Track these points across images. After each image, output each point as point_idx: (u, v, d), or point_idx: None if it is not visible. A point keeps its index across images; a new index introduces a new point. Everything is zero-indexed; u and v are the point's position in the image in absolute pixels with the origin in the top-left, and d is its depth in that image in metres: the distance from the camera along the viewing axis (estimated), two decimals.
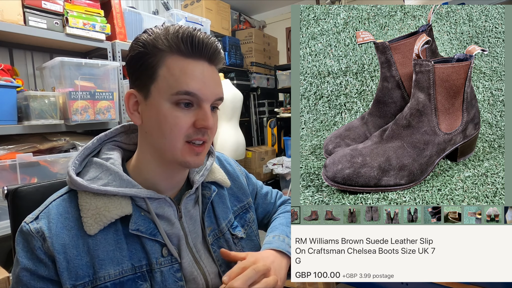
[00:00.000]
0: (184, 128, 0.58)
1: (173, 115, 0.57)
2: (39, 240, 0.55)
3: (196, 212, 0.67)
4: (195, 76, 0.57)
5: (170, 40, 0.57)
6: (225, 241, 0.70)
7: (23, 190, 0.71)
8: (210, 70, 0.60)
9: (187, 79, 0.57)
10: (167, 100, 0.57)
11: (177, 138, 0.58)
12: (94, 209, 0.57)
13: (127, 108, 0.62)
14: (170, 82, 0.57)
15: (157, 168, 0.63)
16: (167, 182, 0.65)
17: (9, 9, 1.56)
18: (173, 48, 0.57)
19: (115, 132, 0.69)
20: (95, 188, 0.58)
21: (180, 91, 0.56)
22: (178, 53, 0.57)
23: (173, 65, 0.57)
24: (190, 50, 0.57)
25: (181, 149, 0.59)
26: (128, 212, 0.58)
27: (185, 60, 0.58)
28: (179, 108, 0.58)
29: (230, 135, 2.65)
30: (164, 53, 0.58)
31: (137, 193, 0.60)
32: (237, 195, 0.78)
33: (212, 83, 0.59)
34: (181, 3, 3.35)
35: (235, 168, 0.83)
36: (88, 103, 1.71)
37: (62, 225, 0.56)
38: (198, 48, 0.58)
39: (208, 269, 0.65)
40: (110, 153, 0.65)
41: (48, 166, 1.58)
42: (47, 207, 0.59)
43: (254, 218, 0.79)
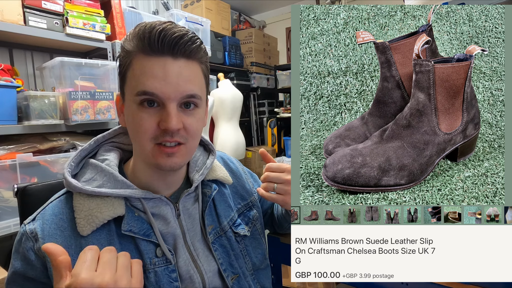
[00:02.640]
0: (149, 130, 0.56)
1: (138, 116, 0.56)
2: (31, 240, 0.55)
3: (195, 210, 0.67)
4: (154, 74, 0.54)
5: (134, 39, 0.56)
6: (227, 239, 0.69)
7: (32, 188, 0.75)
8: (175, 65, 0.55)
9: (144, 78, 0.55)
10: (133, 102, 0.56)
11: (144, 140, 0.56)
12: (87, 210, 0.57)
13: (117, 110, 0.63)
14: (133, 83, 0.56)
15: (147, 169, 0.63)
16: (160, 183, 0.65)
17: (9, 9, 1.56)
18: (137, 47, 0.56)
19: (114, 133, 0.68)
20: (89, 190, 0.58)
21: (139, 91, 0.55)
22: (141, 52, 0.55)
23: (136, 65, 0.56)
24: (148, 47, 0.55)
25: (151, 151, 0.57)
26: (121, 213, 0.58)
27: (146, 58, 0.55)
28: (143, 108, 0.56)
29: (230, 135, 2.65)
30: (131, 54, 0.56)
31: (132, 193, 0.59)
32: (241, 193, 0.78)
33: (176, 80, 0.55)
34: (181, 3, 3.35)
35: (238, 167, 0.83)
36: (88, 103, 1.71)
37: (56, 226, 0.56)
38: (156, 43, 0.54)
39: (205, 267, 0.65)
40: (107, 154, 0.65)
41: (48, 166, 1.58)
42: (44, 209, 0.59)
43: (259, 216, 0.79)
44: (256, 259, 0.73)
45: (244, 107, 3.58)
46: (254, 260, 0.73)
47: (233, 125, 2.71)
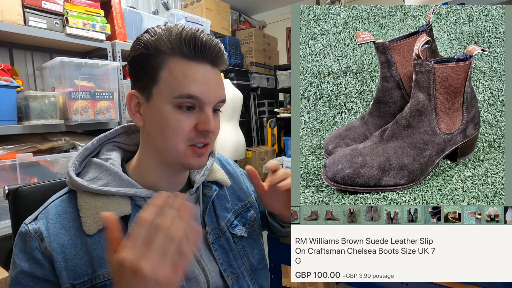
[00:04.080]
0: (186, 132, 0.58)
1: (175, 118, 0.57)
2: (36, 240, 0.55)
3: (196, 211, 0.68)
4: (198, 79, 0.57)
5: (173, 42, 0.57)
6: (226, 240, 0.70)
7: (24, 190, 0.72)
8: (212, 72, 0.60)
9: (189, 82, 0.56)
10: (169, 103, 0.57)
11: (179, 141, 0.58)
12: (93, 209, 0.57)
13: (128, 109, 0.62)
14: (172, 85, 0.57)
15: (159, 169, 0.63)
16: (168, 183, 0.65)
17: (9, 9, 1.56)
18: (176, 50, 0.57)
19: (115, 133, 0.69)
20: (95, 188, 0.58)
21: (182, 94, 0.56)
22: (180, 56, 0.57)
23: (175, 67, 0.57)
24: (192, 53, 0.57)
25: (183, 152, 0.59)
26: (127, 212, 0.59)
27: (187, 63, 0.57)
28: (181, 111, 0.57)
29: (230, 135, 2.65)
30: (166, 55, 0.57)
31: (137, 192, 0.60)
32: (238, 194, 0.78)
33: (214, 86, 0.59)
34: (181, 3, 3.35)
35: (235, 168, 0.84)
36: (88, 103, 1.71)
37: (61, 225, 0.56)
38: (201, 50, 0.57)
39: (209, 267, 0.65)
40: (110, 153, 0.65)
41: (48, 166, 1.58)
42: (46, 208, 0.59)
43: (256, 217, 0.79)
44: (253, 259, 0.74)
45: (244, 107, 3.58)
46: (252, 261, 0.73)
47: (233, 125, 2.71)
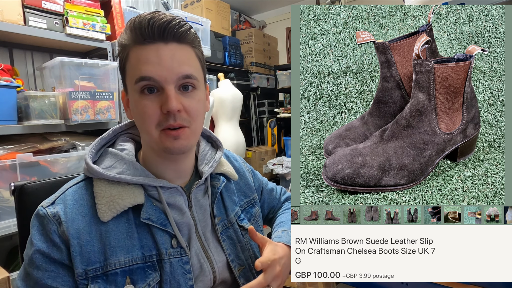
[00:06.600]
0: (153, 115, 0.58)
1: (141, 104, 0.58)
2: (55, 223, 0.56)
3: (205, 201, 0.69)
4: (149, 59, 0.57)
5: (127, 32, 0.59)
6: (234, 232, 0.71)
7: (29, 186, 0.74)
8: (168, 49, 0.58)
9: (140, 65, 0.58)
10: (135, 91, 0.59)
11: (150, 127, 0.59)
12: (108, 196, 0.59)
13: (124, 106, 0.66)
14: (131, 72, 0.59)
15: (156, 158, 0.65)
16: (172, 171, 0.66)
17: (9, 9, 1.56)
18: (131, 39, 0.59)
19: (130, 125, 0.71)
20: (110, 176, 0.60)
21: (137, 78, 0.58)
22: (135, 43, 0.58)
23: (132, 55, 0.59)
24: (141, 37, 0.58)
25: (158, 137, 0.60)
26: (141, 201, 0.60)
27: (140, 47, 0.58)
28: (145, 96, 0.58)
29: (230, 135, 2.65)
30: (127, 47, 0.60)
31: (151, 181, 0.61)
32: (244, 190, 0.80)
33: (170, 63, 0.58)
34: (181, 3, 3.35)
35: (242, 164, 0.85)
36: (88, 103, 1.71)
37: (77, 211, 0.58)
38: (146, 31, 0.57)
39: (215, 257, 0.66)
40: (125, 144, 0.67)
41: (48, 166, 1.58)
42: (64, 193, 0.60)
43: (260, 213, 0.81)
44: (259, 253, 0.74)
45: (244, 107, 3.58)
46: (258, 255, 0.74)
47: (233, 125, 2.71)
